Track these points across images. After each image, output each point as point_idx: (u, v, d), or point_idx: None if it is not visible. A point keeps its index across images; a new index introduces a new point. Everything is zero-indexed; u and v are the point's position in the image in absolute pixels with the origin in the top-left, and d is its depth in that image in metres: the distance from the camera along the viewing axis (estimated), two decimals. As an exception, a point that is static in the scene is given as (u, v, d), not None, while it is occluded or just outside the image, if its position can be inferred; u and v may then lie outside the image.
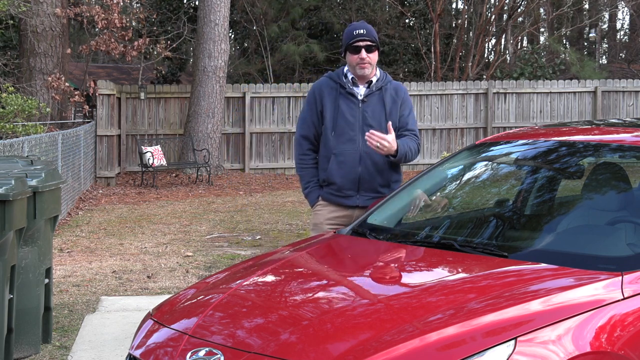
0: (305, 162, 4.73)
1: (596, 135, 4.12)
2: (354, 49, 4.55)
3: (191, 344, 2.87)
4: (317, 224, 4.67)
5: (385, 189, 4.57)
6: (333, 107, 4.59)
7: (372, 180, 4.55)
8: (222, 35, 17.27)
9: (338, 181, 4.57)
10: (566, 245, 3.40)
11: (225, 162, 18.11)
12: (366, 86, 4.62)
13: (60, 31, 17.30)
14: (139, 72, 21.68)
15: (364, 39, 4.54)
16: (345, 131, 4.54)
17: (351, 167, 4.54)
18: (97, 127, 16.53)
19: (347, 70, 4.65)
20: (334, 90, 4.62)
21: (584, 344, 2.64)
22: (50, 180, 5.29)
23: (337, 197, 4.60)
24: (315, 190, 4.69)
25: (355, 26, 4.62)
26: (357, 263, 3.63)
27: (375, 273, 3.44)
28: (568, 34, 31.81)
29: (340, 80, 4.63)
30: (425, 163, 18.32)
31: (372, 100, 4.60)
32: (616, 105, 19.46)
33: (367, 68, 4.55)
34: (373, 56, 4.58)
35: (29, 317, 5.26)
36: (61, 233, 10.54)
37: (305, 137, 4.71)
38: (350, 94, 4.60)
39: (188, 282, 7.62)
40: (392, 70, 25.42)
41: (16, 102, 12.82)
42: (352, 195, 4.57)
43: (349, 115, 4.56)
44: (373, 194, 4.55)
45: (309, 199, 4.73)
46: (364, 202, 4.55)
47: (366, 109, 4.58)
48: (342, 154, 4.55)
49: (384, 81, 4.66)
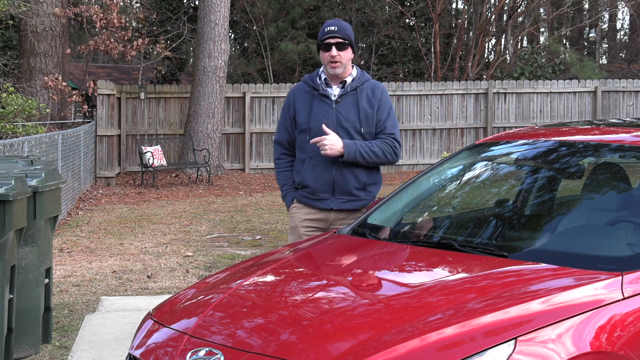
0: (279, 166, 4.71)
1: (596, 135, 4.11)
2: (325, 46, 4.47)
3: (191, 344, 2.87)
4: (294, 226, 4.62)
5: (361, 191, 4.51)
6: (307, 110, 4.52)
7: (346, 183, 4.47)
8: (222, 35, 17.27)
9: (312, 184, 4.51)
10: (566, 245, 3.40)
11: (225, 162, 18.11)
12: (340, 86, 4.54)
13: (60, 31, 17.30)
14: (139, 72, 21.67)
15: (335, 36, 4.45)
16: (318, 133, 4.45)
17: (325, 169, 4.48)
18: (97, 127, 16.53)
19: (322, 70, 4.59)
20: (308, 94, 4.55)
21: (584, 344, 2.64)
22: (50, 180, 5.29)
23: (311, 200, 4.54)
24: (290, 193, 4.64)
25: (328, 23, 4.53)
26: (357, 263, 3.62)
27: (375, 273, 3.44)
28: (568, 34, 31.82)
29: (314, 83, 4.56)
30: (425, 163, 18.33)
31: (346, 100, 4.51)
32: (616, 105, 19.46)
33: (338, 67, 4.46)
34: (345, 54, 4.47)
35: (29, 317, 5.26)
36: (61, 233, 10.54)
37: (279, 142, 4.69)
38: (323, 95, 4.52)
39: (188, 282, 7.62)
40: (392, 70, 25.43)
41: (16, 102, 12.82)
42: (327, 198, 4.50)
43: (322, 117, 4.48)
44: (348, 197, 4.49)
45: (285, 202, 4.69)
46: (338, 205, 4.49)
47: (340, 109, 4.49)
48: (316, 156, 4.48)
49: (360, 81, 4.55)
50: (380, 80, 24.15)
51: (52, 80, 15.76)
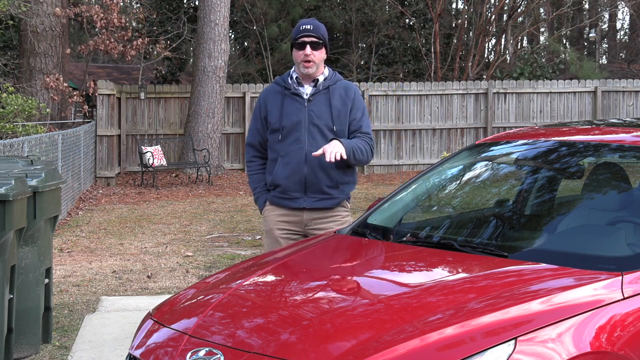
0: (251, 169, 4.66)
1: (596, 135, 4.11)
2: (299, 45, 4.46)
3: (191, 344, 2.87)
4: (268, 230, 4.57)
5: (333, 190, 4.47)
6: (278, 109, 4.49)
7: (318, 182, 4.44)
8: (222, 35, 17.27)
9: (283, 183, 4.46)
10: (566, 245, 3.40)
11: (225, 162, 18.10)
12: (312, 85, 4.52)
13: (60, 31, 17.30)
14: (139, 72, 21.67)
15: (309, 34, 4.44)
16: (291, 132, 4.44)
17: (296, 167, 4.43)
18: (97, 127, 16.53)
19: (293, 70, 4.57)
20: (279, 94, 4.53)
21: (584, 344, 2.64)
22: (50, 180, 5.29)
23: (283, 199, 4.49)
24: (262, 195, 4.59)
25: (303, 22, 4.52)
26: (357, 263, 3.62)
27: (375, 273, 3.44)
28: (568, 34, 31.82)
29: (285, 83, 4.54)
30: (425, 163, 18.33)
31: (318, 99, 4.49)
32: (616, 105, 19.46)
33: (311, 67, 4.45)
34: (318, 54, 4.46)
35: (29, 317, 5.26)
36: (61, 233, 10.54)
37: (250, 144, 4.66)
38: (295, 94, 4.50)
39: (188, 282, 7.62)
40: (392, 70, 25.43)
41: (16, 102, 12.82)
42: (299, 197, 4.46)
43: (294, 116, 4.46)
44: (320, 195, 4.46)
45: (258, 204, 4.64)
46: (310, 204, 4.45)
47: (312, 108, 4.47)
48: (287, 154, 4.45)
49: (332, 80, 4.53)
50: (380, 80, 24.16)
51: (53, 81, 15.76)
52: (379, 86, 18.76)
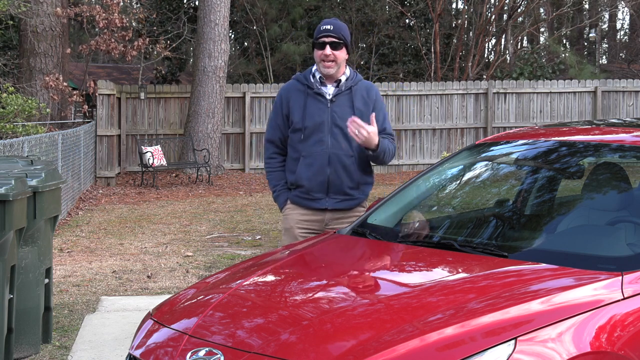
0: (271, 166, 4.65)
1: (596, 135, 4.11)
2: (319, 45, 4.46)
3: (191, 344, 2.87)
4: (288, 228, 4.58)
5: (354, 191, 4.49)
6: (301, 108, 4.49)
7: (340, 183, 4.46)
8: (222, 35, 17.27)
9: (306, 184, 4.48)
10: (566, 245, 3.40)
11: (225, 162, 18.11)
12: (335, 85, 4.52)
13: (60, 31, 17.30)
14: (139, 72, 21.68)
15: (329, 35, 4.44)
16: (313, 132, 4.45)
17: (320, 168, 4.45)
18: (97, 127, 16.53)
19: (315, 69, 4.55)
20: (302, 92, 4.52)
21: (584, 344, 2.64)
22: (50, 180, 5.29)
23: (305, 199, 4.51)
24: (283, 194, 4.59)
25: (324, 22, 4.52)
26: (357, 263, 3.62)
27: (375, 273, 3.43)
28: (568, 34, 31.82)
29: (307, 81, 4.54)
30: (425, 163, 18.33)
31: (341, 100, 4.49)
32: (616, 105, 19.46)
33: (331, 67, 4.45)
34: (339, 54, 4.46)
35: (29, 317, 5.26)
36: (61, 233, 10.54)
37: (271, 140, 4.64)
38: (318, 94, 4.50)
39: (188, 282, 7.62)
40: (392, 70, 25.43)
41: (16, 102, 12.82)
42: (321, 198, 4.48)
43: (317, 117, 4.46)
44: (342, 197, 4.48)
45: (278, 202, 4.64)
46: (333, 204, 4.47)
47: (335, 109, 4.48)
48: (310, 155, 4.46)
49: (354, 80, 4.54)
50: (380, 80, 24.16)
51: (53, 81, 15.76)
52: (379, 86, 18.75)
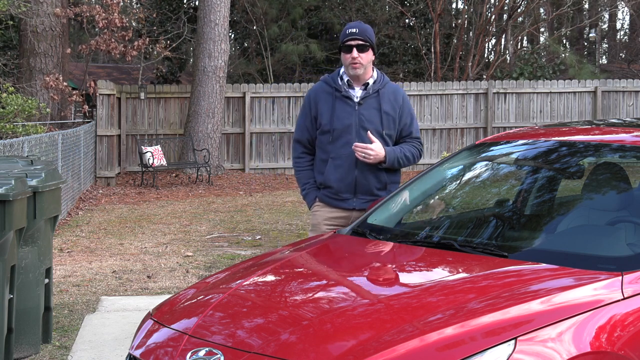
0: (300, 165, 4.77)
1: (596, 135, 4.11)
2: (346, 48, 4.55)
3: (191, 344, 2.87)
4: (316, 224, 4.70)
5: (382, 191, 4.60)
6: (329, 111, 4.59)
7: (368, 184, 4.58)
8: (222, 35, 17.27)
9: (335, 185, 4.60)
10: (566, 245, 3.40)
11: (225, 162, 18.11)
12: (362, 88, 4.61)
13: (60, 31, 17.30)
14: (139, 72, 21.67)
15: (355, 38, 4.53)
16: (341, 135, 4.56)
17: (348, 170, 4.56)
18: (97, 127, 16.53)
19: (343, 72, 4.64)
20: (330, 95, 4.62)
21: (584, 344, 2.64)
22: (50, 180, 5.29)
23: (334, 199, 4.63)
24: (312, 192, 4.71)
25: (349, 25, 4.62)
26: (357, 263, 3.62)
27: (375, 273, 3.43)
28: (568, 34, 31.82)
29: (335, 84, 4.63)
30: (425, 163, 18.31)
31: (368, 102, 4.59)
32: (616, 105, 19.46)
33: (359, 68, 4.54)
34: (365, 56, 4.55)
35: (29, 317, 5.26)
36: (61, 233, 10.54)
37: (299, 141, 4.75)
38: (346, 97, 4.59)
39: (188, 282, 7.62)
40: (392, 70, 25.43)
41: (16, 102, 12.82)
42: (349, 199, 4.59)
43: (345, 119, 4.56)
44: (370, 197, 4.58)
45: (307, 200, 4.76)
46: (360, 205, 4.58)
47: (362, 112, 4.57)
48: (338, 157, 4.57)
49: (381, 83, 4.64)
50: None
51: (53, 81, 15.76)
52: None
